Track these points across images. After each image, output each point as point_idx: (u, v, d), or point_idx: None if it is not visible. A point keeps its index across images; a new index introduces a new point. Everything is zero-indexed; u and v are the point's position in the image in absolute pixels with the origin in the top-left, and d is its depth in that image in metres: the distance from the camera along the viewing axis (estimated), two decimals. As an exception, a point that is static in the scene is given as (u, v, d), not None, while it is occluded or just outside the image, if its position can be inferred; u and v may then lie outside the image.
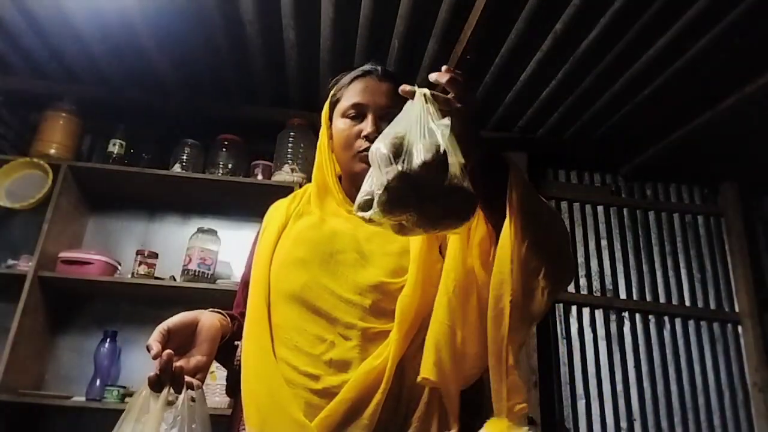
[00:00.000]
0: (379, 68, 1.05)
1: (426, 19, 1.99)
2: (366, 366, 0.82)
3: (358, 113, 1.00)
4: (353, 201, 0.99)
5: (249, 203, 2.46)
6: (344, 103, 1.02)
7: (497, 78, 2.29)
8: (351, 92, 1.03)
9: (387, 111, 0.99)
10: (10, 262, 2.21)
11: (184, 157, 2.41)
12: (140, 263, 2.24)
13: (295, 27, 2.05)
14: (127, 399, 2.02)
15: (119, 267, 2.29)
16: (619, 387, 2.46)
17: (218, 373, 2.08)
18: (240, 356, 0.92)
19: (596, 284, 2.62)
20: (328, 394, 0.81)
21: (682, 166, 2.77)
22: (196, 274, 2.20)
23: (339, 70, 1.12)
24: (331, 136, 1.05)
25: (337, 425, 0.79)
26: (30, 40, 2.23)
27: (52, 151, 2.32)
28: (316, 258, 0.91)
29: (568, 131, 2.69)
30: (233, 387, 0.92)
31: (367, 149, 0.97)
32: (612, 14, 1.89)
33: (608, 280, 2.63)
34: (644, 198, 2.82)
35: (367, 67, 1.05)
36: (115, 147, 2.39)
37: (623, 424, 2.41)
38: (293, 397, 0.82)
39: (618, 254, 2.69)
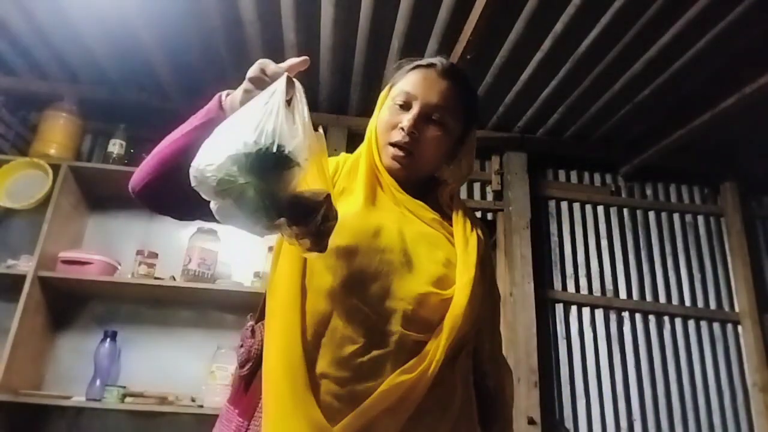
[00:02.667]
0: (443, 63, 0.99)
1: (426, 19, 1.99)
2: (397, 378, 0.78)
3: (405, 102, 0.96)
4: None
5: (249, 203, 2.46)
6: (397, 89, 0.99)
7: (497, 78, 2.29)
8: (407, 80, 0.99)
9: (435, 110, 0.95)
10: (10, 262, 2.21)
11: (184, 157, 2.40)
12: (140, 263, 2.24)
13: (295, 27, 2.05)
14: (127, 399, 2.02)
15: (119, 267, 2.29)
16: (619, 387, 2.46)
17: (218, 374, 2.08)
18: (261, 339, 0.85)
19: (596, 284, 2.62)
20: (353, 399, 0.77)
21: (682, 166, 2.78)
22: (196, 274, 2.20)
23: (339, 71, 1.12)
24: None
25: None
26: (30, 40, 2.23)
27: (52, 151, 2.32)
28: (360, 252, 0.84)
29: (568, 131, 2.69)
30: (252, 367, 0.85)
31: (398, 144, 0.93)
32: (612, 14, 1.89)
33: (608, 280, 2.63)
34: (644, 198, 2.82)
35: (433, 59, 1.00)
36: (115, 147, 2.39)
37: (623, 424, 2.41)
38: (316, 398, 0.77)
39: (618, 254, 2.69)
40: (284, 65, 0.82)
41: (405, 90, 0.96)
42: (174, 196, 0.87)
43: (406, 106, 0.96)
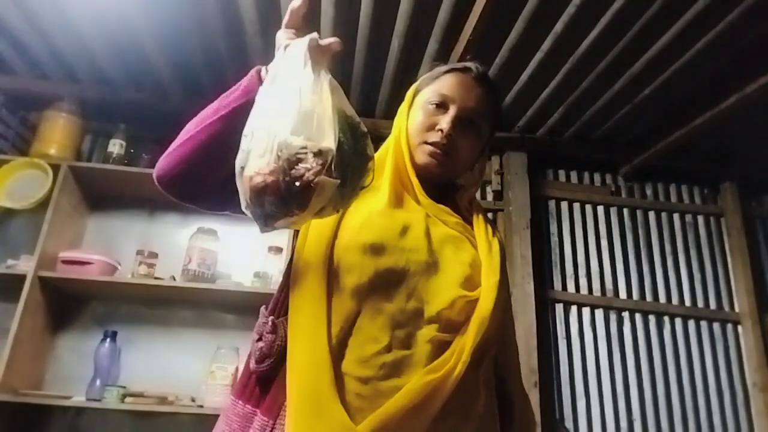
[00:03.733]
0: (479, 69, 1.00)
1: (426, 19, 1.99)
2: (424, 378, 0.77)
3: (441, 104, 0.96)
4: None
5: (249, 203, 2.46)
6: (431, 91, 0.98)
7: (497, 78, 2.29)
8: (442, 83, 0.98)
9: (472, 115, 0.96)
10: (10, 262, 2.21)
11: (184, 157, 2.40)
12: (140, 263, 2.24)
13: (295, 27, 2.05)
14: (127, 399, 2.02)
15: (119, 267, 2.29)
16: (619, 387, 2.46)
17: (218, 374, 2.08)
18: (284, 335, 0.82)
19: (596, 284, 2.62)
20: (376, 397, 0.76)
21: (682, 166, 2.78)
22: (196, 274, 2.20)
23: (339, 71, 1.12)
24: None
25: None
26: (30, 40, 2.23)
27: (52, 151, 2.32)
28: (387, 250, 0.83)
29: (568, 131, 2.69)
30: (273, 364, 0.82)
31: (436, 143, 0.93)
32: (612, 14, 1.89)
33: (608, 280, 2.63)
34: (644, 198, 2.82)
35: (468, 64, 1.01)
36: (115, 147, 2.39)
37: (623, 424, 2.41)
38: (340, 396, 0.76)
39: (618, 254, 2.69)
40: (285, 20, 0.82)
41: (441, 92, 0.96)
42: (208, 185, 0.85)
43: (442, 107, 0.95)
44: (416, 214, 0.91)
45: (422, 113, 0.96)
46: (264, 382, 0.82)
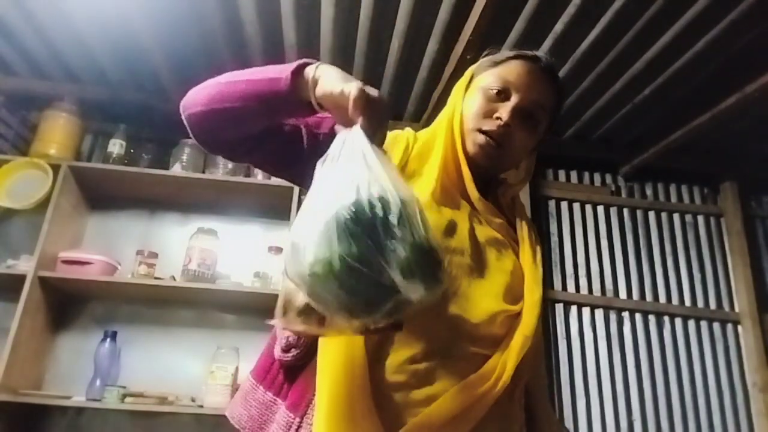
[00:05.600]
0: (548, 60, 0.93)
1: (426, 18, 1.99)
2: (460, 394, 0.73)
3: (503, 91, 0.88)
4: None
5: (249, 203, 2.47)
6: (493, 75, 0.91)
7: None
8: (507, 69, 0.91)
9: (532, 107, 0.89)
10: (10, 262, 2.21)
11: (184, 157, 2.40)
12: (140, 263, 2.24)
13: (295, 27, 2.05)
14: (127, 399, 2.02)
15: (119, 267, 2.29)
16: (619, 387, 2.46)
17: (218, 374, 2.08)
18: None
19: (596, 284, 2.62)
20: (407, 406, 0.73)
21: (682, 166, 2.78)
22: (196, 274, 2.20)
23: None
24: None
25: None
26: (30, 40, 2.23)
27: (52, 151, 2.32)
28: None
29: (568, 131, 2.69)
30: (299, 356, 0.78)
31: (491, 132, 0.86)
32: (612, 14, 1.89)
33: (608, 280, 2.63)
34: (644, 198, 2.82)
35: (538, 53, 0.94)
36: (115, 147, 2.39)
37: (623, 424, 2.41)
38: (373, 404, 0.72)
39: (618, 254, 2.68)
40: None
41: (506, 78, 0.89)
42: (223, 137, 0.84)
43: (503, 95, 0.88)
44: (462, 210, 0.85)
45: (481, 98, 0.89)
46: (289, 370, 0.79)
